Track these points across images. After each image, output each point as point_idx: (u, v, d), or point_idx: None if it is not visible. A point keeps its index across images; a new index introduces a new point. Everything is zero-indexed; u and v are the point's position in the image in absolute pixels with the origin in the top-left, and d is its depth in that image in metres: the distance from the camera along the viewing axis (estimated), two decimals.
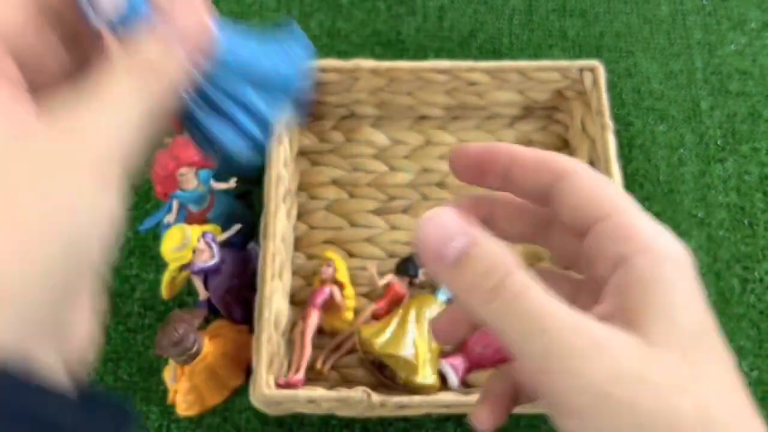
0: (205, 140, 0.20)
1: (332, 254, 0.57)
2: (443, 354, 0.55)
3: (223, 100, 0.20)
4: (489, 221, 0.24)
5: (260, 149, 0.22)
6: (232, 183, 0.55)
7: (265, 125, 0.21)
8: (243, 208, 0.61)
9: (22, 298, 0.15)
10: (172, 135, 0.64)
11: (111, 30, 0.19)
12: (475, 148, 0.23)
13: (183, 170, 0.51)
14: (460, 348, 0.55)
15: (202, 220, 0.56)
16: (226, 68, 0.20)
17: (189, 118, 0.20)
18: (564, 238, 0.23)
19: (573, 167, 0.22)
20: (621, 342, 0.18)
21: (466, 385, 0.55)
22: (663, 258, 0.20)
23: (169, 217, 0.54)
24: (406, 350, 0.52)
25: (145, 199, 0.63)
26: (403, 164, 0.64)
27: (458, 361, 0.54)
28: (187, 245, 0.50)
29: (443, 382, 0.53)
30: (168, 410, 0.55)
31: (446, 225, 0.19)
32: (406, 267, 0.57)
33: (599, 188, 0.21)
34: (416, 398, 0.48)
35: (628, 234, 0.20)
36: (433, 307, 0.55)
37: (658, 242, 0.20)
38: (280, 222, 0.54)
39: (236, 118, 0.20)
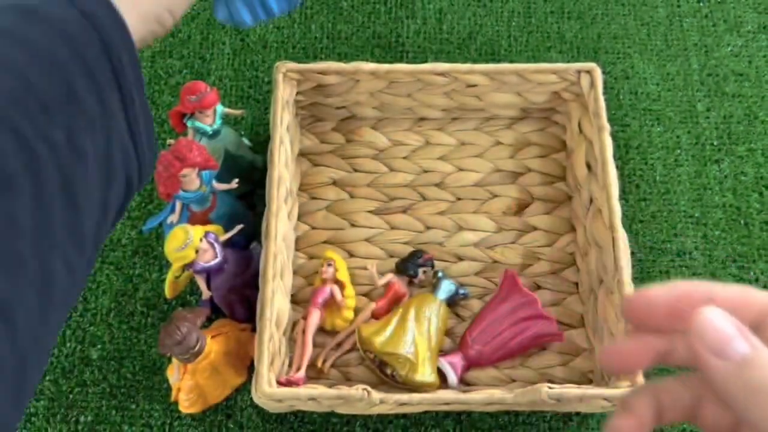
0: None
1: (333, 254, 0.58)
2: (442, 353, 0.55)
3: None
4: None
5: None
6: (234, 184, 0.56)
7: None
8: (245, 208, 0.61)
9: None
10: (174, 136, 0.65)
11: None
12: (663, 296, 0.20)
13: (186, 171, 0.52)
14: (458, 346, 0.56)
15: (204, 220, 0.56)
16: None
17: None
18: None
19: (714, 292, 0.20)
20: None
21: (464, 383, 0.56)
22: None
23: (172, 218, 0.55)
24: (405, 348, 0.53)
25: (147, 200, 0.64)
26: (402, 165, 0.64)
27: (457, 359, 0.54)
28: (190, 245, 0.50)
29: (443, 381, 0.54)
30: (171, 408, 0.55)
31: (727, 324, 0.18)
32: (406, 266, 0.58)
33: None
34: (416, 396, 0.49)
35: None
36: (433, 306, 0.56)
37: None
38: (281, 222, 0.55)
39: None
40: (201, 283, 0.53)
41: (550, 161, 0.64)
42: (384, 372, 0.54)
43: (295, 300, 0.58)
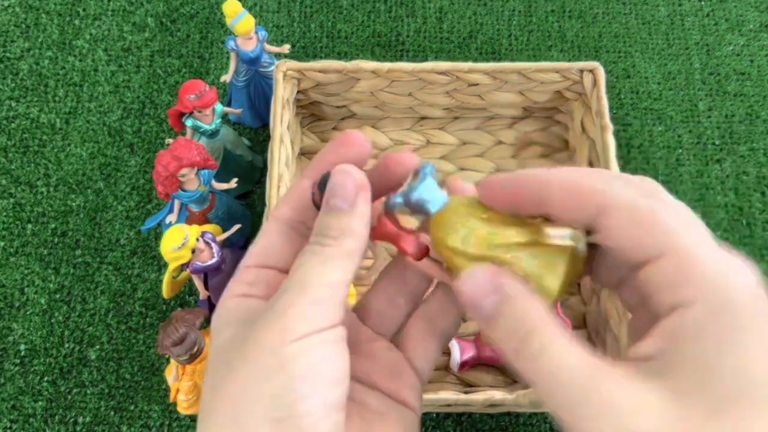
0: None
1: None
2: (459, 336, 0.56)
3: None
4: None
5: None
6: (233, 183, 0.56)
7: None
8: (244, 208, 0.61)
9: None
10: (173, 135, 0.64)
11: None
12: (501, 182, 0.22)
13: (184, 171, 0.51)
14: (475, 339, 0.55)
15: (203, 220, 0.56)
16: None
17: None
18: (612, 263, 0.22)
19: (615, 200, 0.20)
20: (640, 399, 0.17)
21: (466, 385, 0.55)
22: (722, 306, 0.18)
23: (171, 217, 0.54)
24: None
25: (146, 200, 0.63)
26: None
27: (468, 346, 0.54)
28: (186, 245, 0.50)
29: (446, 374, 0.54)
30: (170, 409, 0.55)
31: (482, 281, 0.21)
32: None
33: (650, 223, 0.19)
34: None
35: (684, 277, 0.18)
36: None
37: (719, 285, 0.18)
38: None
39: None
40: (198, 283, 0.52)
41: (553, 161, 0.64)
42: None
43: None
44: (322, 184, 0.24)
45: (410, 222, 0.25)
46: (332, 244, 0.22)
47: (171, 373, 0.53)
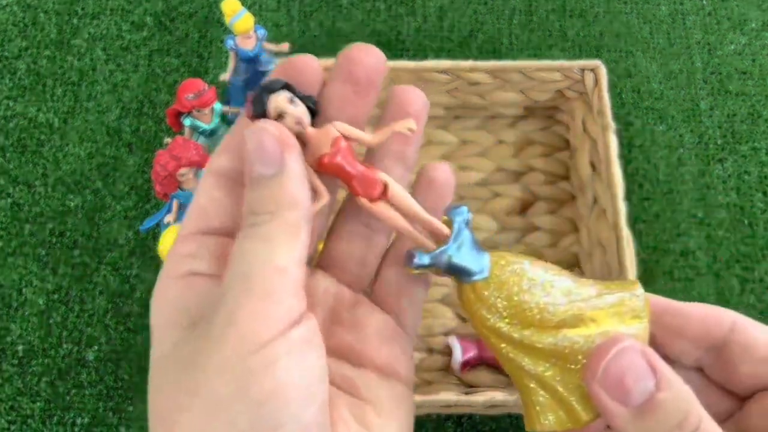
0: None
1: None
2: (460, 336, 0.55)
3: None
4: None
5: None
6: None
7: None
8: None
9: None
10: (172, 135, 0.64)
11: None
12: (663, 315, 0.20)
13: (183, 170, 0.51)
14: (477, 339, 0.55)
15: None
16: None
17: None
18: (708, 399, 0.20)
19: (741, 317, 0.20)
20: None
21: (467, 386, 0.55)
22: None
23: (170, 217, 0.54)
24: None
25: (145, 200, 0.63)
26: None
27: (470, 346, 0.54)
28: None
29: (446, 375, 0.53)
30: None
31: (637, 364, 0.17)
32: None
33: None
34: (417, 398, 0.48)
35: None
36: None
37: None
38: None
39: None
40: None
41: (554, 160, 0.64)
42: None
43: None
44: (257, 98, 0.19)
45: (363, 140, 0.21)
46: (268, 219, 0.18)
47: None
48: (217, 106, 0.56)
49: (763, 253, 0.61)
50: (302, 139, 0.20)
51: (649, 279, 0.60)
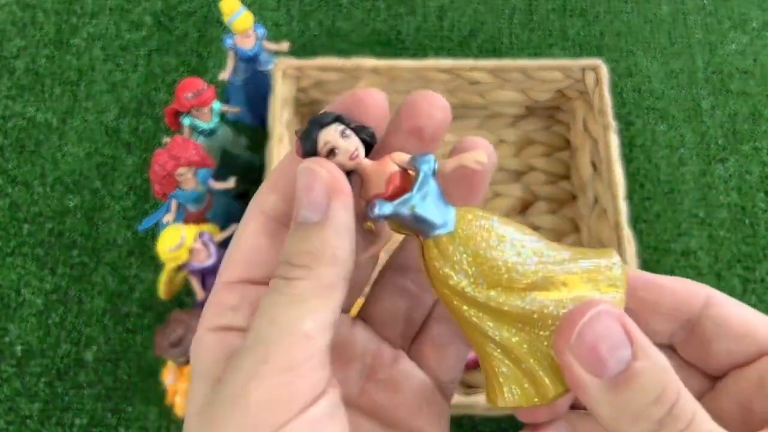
0: None
1: None
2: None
3: None
4: None
5: None
6: (231, 183, 0.55)
7: None
8: (242, 207, 0.60)
9: None
10: (171, 134, 0.64)
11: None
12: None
13: (181, 170, 0.51)
14: None
15: (201, 219, 0.55)
16: None
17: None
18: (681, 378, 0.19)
19: (717, 293, 0.19)
20: None
21: (468, 386, 0.55)
22: None
23: (168, 217, 0.54)
24: None
25: (143, 199, 0.63)
26: None
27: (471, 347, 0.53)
28: (183, 245, 0.49)
29: None
30: (167, 411, 0.54)
31: (614, 331, 0.16)
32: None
33: (754, 321, 0.18)
34: None
35: None
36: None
37: None
38: None
39: None
40: (195, 284, 0.52)
41: (555, 160, 0.64)
42: None
43: None
44: (307, 133, 0.18)
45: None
46: (303, 276, 0.16)
47: (168, 374, 0.53)
48: (216, 105, 0.56)
49: (765, 253, 0.61)
50: (359, 174, 0.18)
51: None
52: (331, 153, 0.17)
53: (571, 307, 0.16)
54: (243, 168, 0.61)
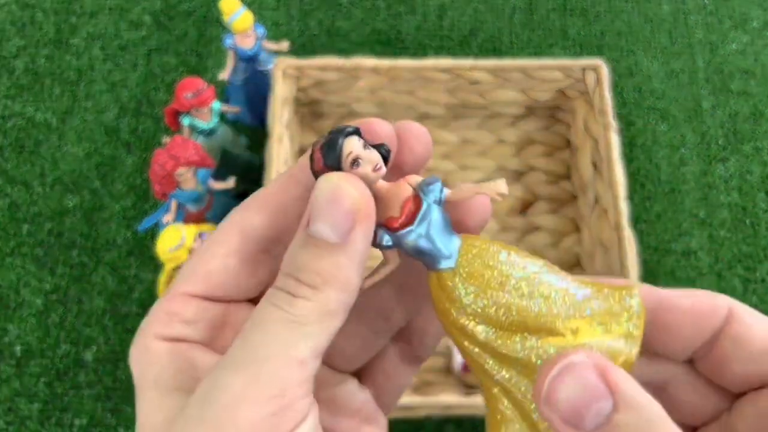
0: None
1: None
2: None
3: None
4: None
5: None
6: (230, 182, 0.55)
7: None
8: None
9: None
10: (170, 134, 0.63)
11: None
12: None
13: (181, 170, 0.51)
14: None
15: (200, 219, 0.55)
16: None
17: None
18: (696, 395, 0.18)
19: (739, 306, 0.18)
20: None
21: (468, 387, 0.55)
22: None
23: (168, 217, 0.53)
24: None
25: (143, 199, 0.62)
26: None
27: None
28: (183, 245, 0.49)
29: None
30: None
31: (589, 383, 0.15)
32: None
33: None
34: (417, 399, 0.48)
35: None
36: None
37: None
38: None
39: None
40: None
41: (555, 160, 0.63)
42: None
43: None
44: (330, 143, 0.16)
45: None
46: (308, 296, 0.15)
47: None
48: (216, 105, 0.56)
49: (766, 253, 0.61)
50: (373, 194, 0.17)
51: (650, 279, 0.59)
52: (354, 163, 0.17)
53: (553, 355, 0.15)
54: (242, 168, 0.61)
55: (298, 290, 0.15)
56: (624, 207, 0.53)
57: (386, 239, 0.17)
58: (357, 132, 0.17)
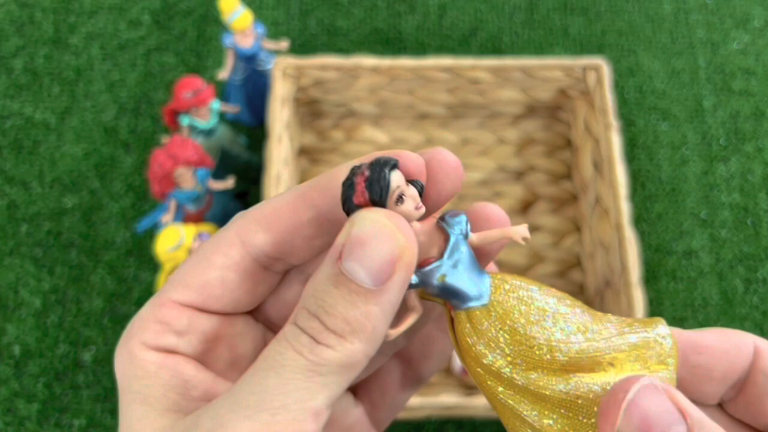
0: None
1: None
2: None
3: None
4: None
5: None
6: (229, 182, 0.55)
7: None
8: (241, 207, 0.60)
9: None
10: (169, 133, 0.63)
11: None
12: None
13: (180, 170, 0.50)
14: None
15: (199, 219, 0.55)
16: None
17: None
18: None
19: (763, 342, 0.17)
20: None
21: (468, 388, 0.54)
22: None
23: (167, 217, 0.53)
24: None
25: (142, 199, 0.62)
26: None
27: None
28: (182, 245, 0.49)
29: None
30: None
31: (662, 404, 0.14)
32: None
33: None
34: (417, 400, 0.48)
35: None
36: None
37: None
38: None
39: None
40: None
41: (556, 159, 0.63)
42: None
43: None
44: (376, 173, 0.15)
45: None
46: (334, 345, 0.14)
47: None
48: (215, 104, 0.56)
49: (767, 253, 0.61)
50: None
51: (652, 279, 0.59)
52: (399, 200, 0.15)
53: (615, 384, 0.15)
54: (242, 168, 0.60)
55: (324, 337, 0.14)
56: (625, 207, 0.53)
57: (413, 279, 0.15)
58: (398, 165, 0.16)
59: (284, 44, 0.60)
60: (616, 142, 0.55)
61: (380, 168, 0.15)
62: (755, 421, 0.17)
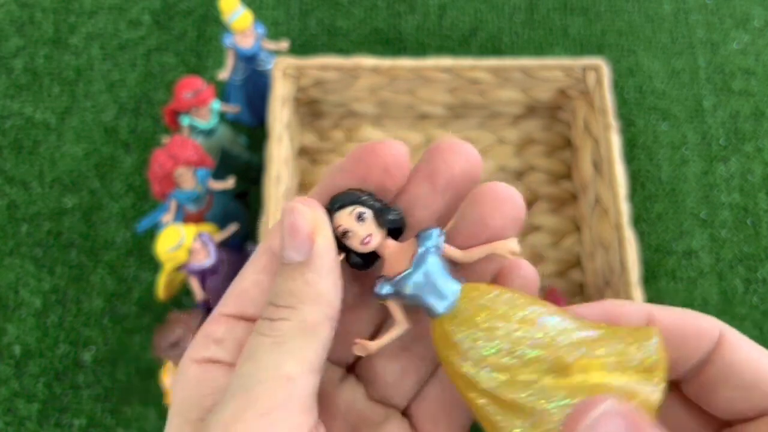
0: None
1: None
2: None
3: None
4: None
5: None
6: (230, 182, 0.55)
7: None
8: (241, 207, 0.60)
9: None
10: (169, 134, 0.63)
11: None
12: (595, 314, 0.17)
13: (180, 170, 0.50)
14: None
15: (200, 219, 0.55)
16: None
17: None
18: (681, 419, 0.18)
19: (730, 331, 0.17)
20: None
21: None
22: None
23: (167, 217, 0.53)
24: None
25: (142, 199, 0.62)
26: None
27: None
28: (182, 245, 0.49)
29: None
30: (166, 412, 0.54)
31: (619, 428, 0.14)
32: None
33: (766, 370, 0.17)
34: None
35: None
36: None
37: None
38: None
39: None
40: (194, 284, 0.52)
41: (555, 160, 0.63)
42: None
43: None
44: (330, 214, 0.17)
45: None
46: (286, 316, 0.16)
47: (167, 375, 0.52)
48: (215, 104, 0.56)
49: (767, 253, 0.61)
50: (383, 257, 0.18)
51: (651, 279, 0.59)
52: (344, 235, 0.18)
53: (578, 403, 0.14)
54: (242, 168, 0.61)
55: (277, 313, 0.16)
56: (624, 207, 0.53)
57: (386, 288, 0.17)
58: (356, 201, 0.17)
59: (284, 44, 0.60)
60: (615, 142, 0.55)
61: (329, 207, 0.18)
62: (707, 406, 0.17)
